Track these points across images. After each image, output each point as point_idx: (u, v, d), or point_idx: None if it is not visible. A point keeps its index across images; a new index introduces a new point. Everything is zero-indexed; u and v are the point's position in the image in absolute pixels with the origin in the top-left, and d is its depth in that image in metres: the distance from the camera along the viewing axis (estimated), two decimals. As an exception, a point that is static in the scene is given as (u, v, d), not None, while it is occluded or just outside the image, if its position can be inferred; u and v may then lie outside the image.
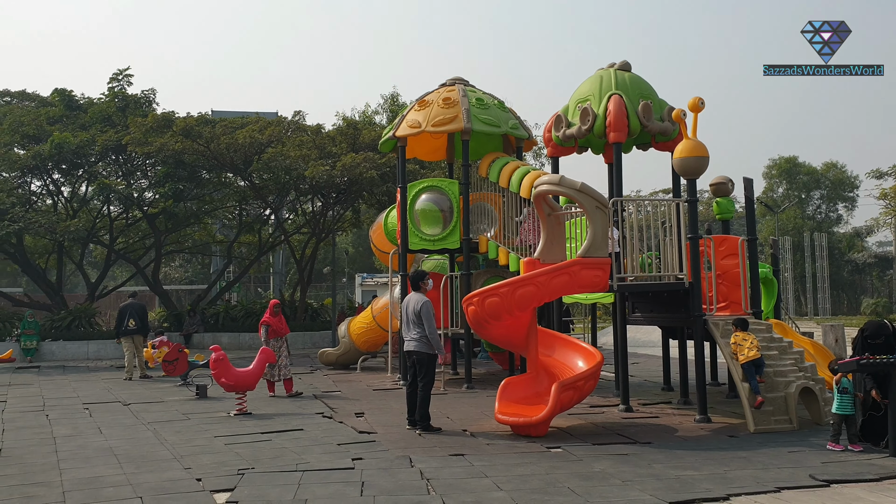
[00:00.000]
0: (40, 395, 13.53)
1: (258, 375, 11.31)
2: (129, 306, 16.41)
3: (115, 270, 41.66)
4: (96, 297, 26.33)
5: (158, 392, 13.75)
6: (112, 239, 26.07)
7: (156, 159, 23.45)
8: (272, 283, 44.26)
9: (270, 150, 22.07)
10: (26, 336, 20.84)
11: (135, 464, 7.77)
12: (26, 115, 24.56)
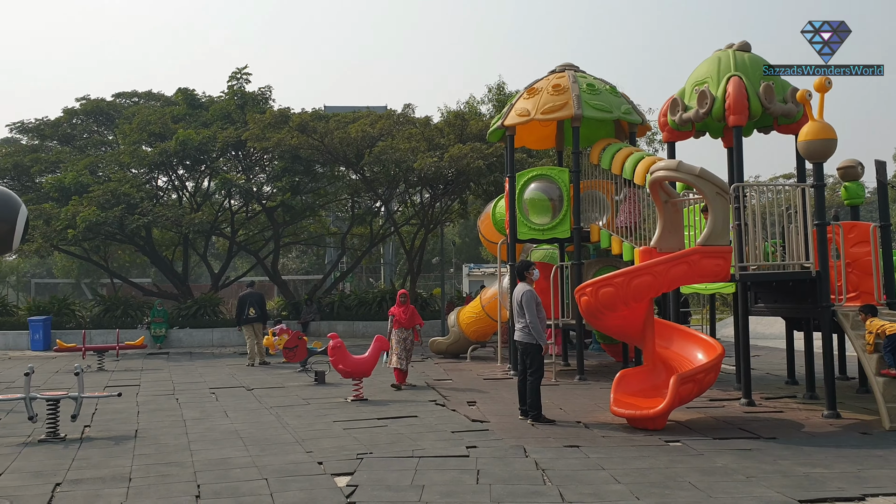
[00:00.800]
0: (170, 380, 14.32)
1: (373, 363, 11.55)
2: (248, 296, 17.11)
3: (236, 261, 43.55)
4: (219, 287, 27.64)
5: (279, 378, 14.30)
6: (233, 231, 27.23)
7: (273, 154, 24.32)
8: (383, 273, 45.13)
9: (381, 143, 22.46)
10: (156, 324, 22.14)
11: (259, 446, 8.09)
12: (153, 114, 25.96)
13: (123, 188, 22.42)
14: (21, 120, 29.34)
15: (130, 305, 23.96)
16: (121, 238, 24.81)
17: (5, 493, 6.36)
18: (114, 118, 28.34)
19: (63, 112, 28.81)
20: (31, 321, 21.82)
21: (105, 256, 29.30)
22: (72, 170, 24.11)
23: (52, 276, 47.61)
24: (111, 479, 6.76)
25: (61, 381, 14.14)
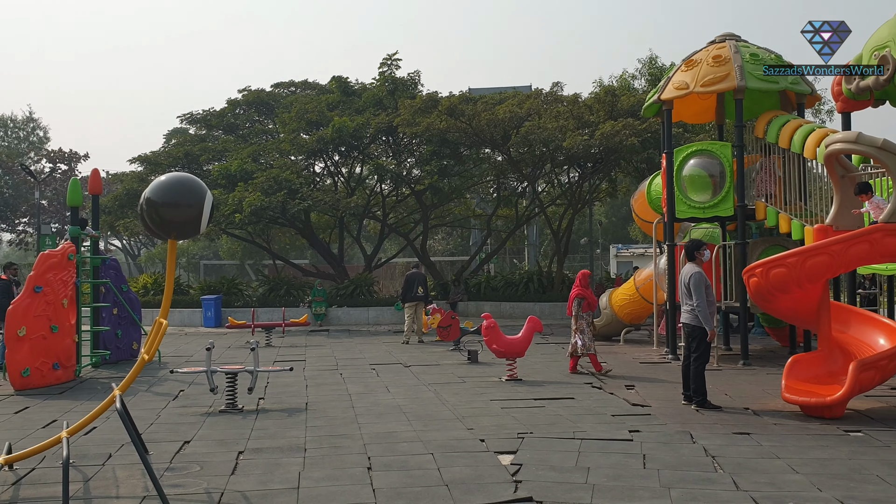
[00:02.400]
0: (332, 356, 14.98)
1: (527, 343, 11.55)
2: (415, 275, 17.56)
3: (386, 243, 44.95)
4: (372, 268, 28.60)
5: (433, 356, 14.62)
6: (385, 214, 28.04)
7: (421, 139, 24.78)
8: (527, 254, 45.05)
9: (528, 123, 22.32)
10: (316, 303, 23.24)
11: (422, 422, 8.31)
12: (309, 102, 27.09)
13: (284, 174, 23.58)
14: (190, 111, 31.47)
15: (293, 285, 25.29)
16: (282, 222, 26.14)
17: (195, 458, 6.88)
18: (273, 107, 29.83)
19: (227, 103, 30.65)
20: (204, 300, 23.49)
21: (267, 239, 31.04)
22: (237, 158, 25.62)
23: (218, 258, 50.97)
24: (288, 449, 7.16)
25: (233, 355, 15.12)
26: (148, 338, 6.27)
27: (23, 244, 51.31)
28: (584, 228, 42.94)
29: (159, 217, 5.79)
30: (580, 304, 11.98)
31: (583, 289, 12.09)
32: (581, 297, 11.98)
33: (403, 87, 26.80)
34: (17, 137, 60.69)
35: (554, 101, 23.76)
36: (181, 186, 5.85)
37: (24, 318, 11.03)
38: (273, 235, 32.29)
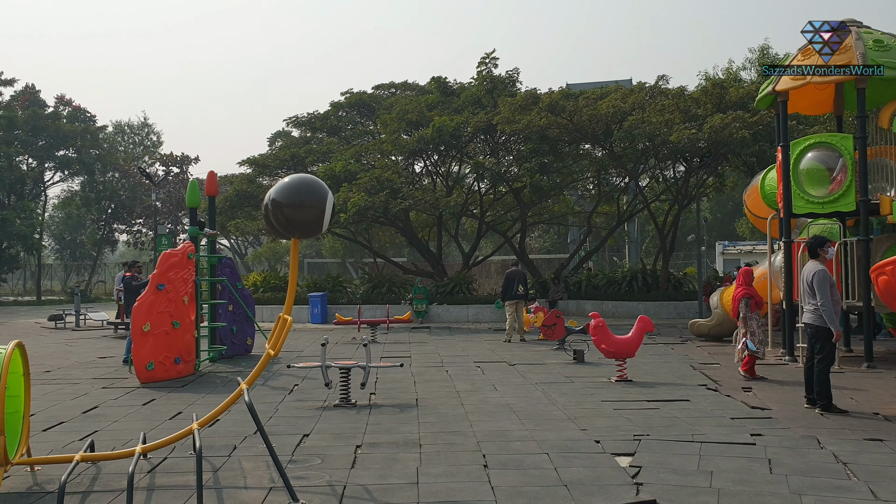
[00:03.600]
0: (437, 353, 15.11)
1: (637, 343, 11.33)
2: (515, 273, 17.53)
3: (483, 241, 45.08)
4: (470, 266, 28.71)
5: (537, 354, 14.54)
6: (482, 212, 28.09)
7: (520, 136, 24.68)
8: (628, 252, 44.20)
9: (631, 117, 21.90)
10: (417, 300, 23.52)
11: (533, 421, 8.27)
12: (409, 103, 27.44)
13: (386, 174, 23.98)
14: (295, 115, 32.41)
15: (394, 283, 25.69)
16: (383, 221, 26.58)
17: (315, 451, 7.08)
18: (374, 109, 30.37)
19: (330, 106, 31.42)
20: (311, 297, 24.15)
21: (369, 238, 31.64)
22: (340, 159, 26.22)
23: (321, 257, 52.29)
24: (403, 444, 7.26)
25: (341, 351, 15.46)
26: (272, 333, 6.48)
27: (138, 244, 54.09)
28: (687, 225, 41.78)
29: (284, 217, 5.98)
30: (747, 304, 11.34)
31: (747, 287, 11.43)
32: (748, 295, 11.33)
33: (502, 86, 26.77)
34: (133, 142, 64.06)
35: (659, 95, 23.20)
36: (304, 187, 6.02)
37: (149, 315, 11.63)
38: (374, 234, 32.89)
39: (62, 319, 24.25)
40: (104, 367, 13.67)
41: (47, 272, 58.12)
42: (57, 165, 50.84)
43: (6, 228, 41.73)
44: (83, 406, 9.57)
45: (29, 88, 51.45)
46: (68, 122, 50.79)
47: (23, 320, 28.26)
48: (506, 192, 27.80)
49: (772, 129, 18.62)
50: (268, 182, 29.89)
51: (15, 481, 6.11)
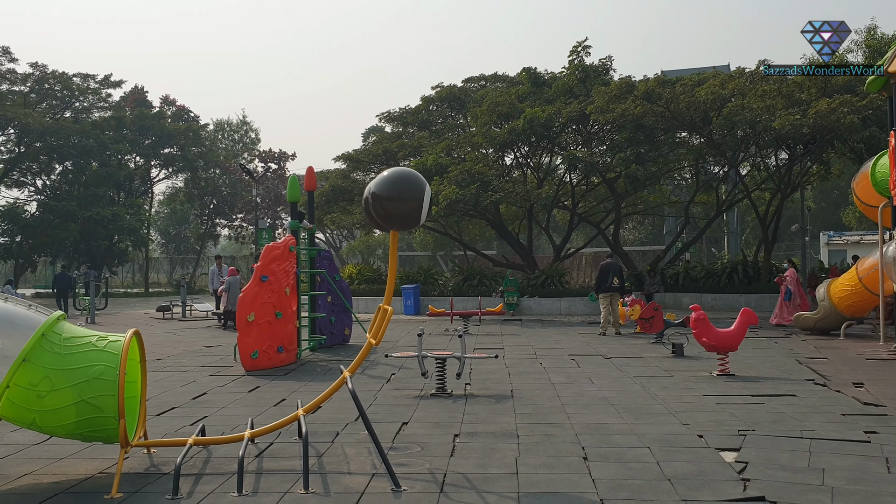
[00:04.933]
0: (529, 345, 15.07)
1: (740, 337, 10.97)
2: (610, 265, 17.28)
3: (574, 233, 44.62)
4: (562, 258, 28.45)
5: (634, 348, 14.29)
6: (574, 203, 27.78)
7: (613, 126, 24.26)
8: (727, 243, 42.83)
9: (731, 104, 21.19)
10: (508, 293, 23.50)
11: (633, 415, 8.14)
12: (500, 95, 27.37)
13: (477, 167, 24.02)
14: (387, 110, 32.86)
15: (485, 275, 25.74)
16: (474, 213, 26.65)
17: (415, 439, 7.18)
18: (465, 102, 30.45)
19: (421, 100, 31.69)
20: (404, 289, 24.49)
21: (458, 230, 31.79)
22: (431, 153, 26.44)
23: (411, 249, 52.94)
24: (501, 435, 7.28)
25: (435, 342, 15.62)
26: (373, 323, 6.62)
27: (239, 238, 56.12)
28: (788, 215, 40.14)
29: (384, 210, 6.10)
30: None
31: None
32: None
33: (594, 74, 26.37)
34: (233, 139, 66.41)
35: (760, 80, 22.34)
36: (403, 181, 6.12)
37: (253, 305, 12.05)
38: (464, 227, 33.04)
39: (169, 310, 25.43)
40: (211, 355, 14.27)
41: (154, 265, 61.09)
42: (162, 163, 53.31)
43: (117, 223, 44.06)
44: (192, 392, 10.02)
45: (137, 89, 54.11)
46: (173, 121, 53.15)
47: (133, 311, 29.80)
48: (599, 182, 27.40)
49: (883, 112, 17.65)
50: (362, 177, 30.46)
51: (134, 462, 6.46)
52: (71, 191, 46.43)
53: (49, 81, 46.72)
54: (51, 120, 45.89)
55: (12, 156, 46.34)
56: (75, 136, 44.94)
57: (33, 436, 7.16)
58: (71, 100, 48.42)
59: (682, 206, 28.97)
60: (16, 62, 46.27)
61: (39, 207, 45.45)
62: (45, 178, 49.11)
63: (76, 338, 5.96)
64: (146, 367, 6.56)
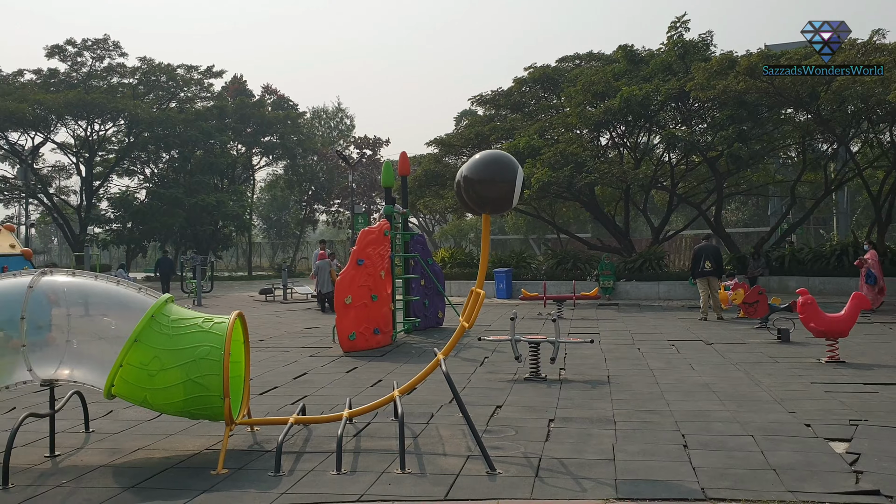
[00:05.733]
0: (626, 330, 14.78)
1: (851, 322, 10.41)
2: (703, 248, 16.76)
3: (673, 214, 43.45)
4: (660, 241, 27.73)
5: (737, 333, 13.81)
6: (673, 184, 26.99)
7: (714, 103, 23.38)
8: (836, 223, 40.74)
9: (840, 77, 20.04)
10: (604, 276, 23.11)
11: (735, 402, 7.86)
12: (595, 74, 26.79)
13: (571, 148, 23.65)
14: (480, 93, 32.72)
15: (579, 259, 25.39)
16: (567, 196, 26.28)
17: (509, 423, 7.17)
18: (558, 82, 30.00)
19: (513, 82, 31.41)
20: (496, 272, 24.45)
21: (552, 213, 31.45)
22: (524, 135, 26.18)
23: (503, 233, 52.79)
24: (597, 421, 7.17)
25: (528, 326, 15.54)
26: (465, 306, 6.62)
27: (336, 223, 57.40)
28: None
29: (476, 193, 6.07)
30: None
31: None
32: None
33: (694, 50, 25.44)
34: (329, 127, 67.82)
35: (873, 51, 21.02)
36: (496, 163, 6.08)
37: (350, 288, 12.29)
38: (557, 209, 32.65)
39: (271, 293, 26.28)
40: (310, 336, 14.66)
41: (256, 249, 63.24)
42: (263, 151, 55.00)
43: (221, 210, 45.80)
44: (293, 372, 10.32)
45: (237, 79, 55.93)
46: (272, 110, 54.71)
47: (237, 294, 30.95)
48: (699, 162, 26.50)
49: None
50: (454, 161, 30.52)
51: (238, 440, 6.70)
52: (177, 178, 48.52)
53: (156, 73, 48.86)
54: (158, 110, 48.02)
55: (123, 146, 48.80)
56: (180, 126, 46.89)
57: (145, 413, 7.54)
58: (176, 90, 50.50)
59: (788, 186, 27.66)
60: (125, 56, 48.67)
61: (148, 195, 47.75)
62: (153, 166, 51.53)
63: (183, 319, 6.21)
64: (249, 347, 6.78)
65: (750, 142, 23.29)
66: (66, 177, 53.15)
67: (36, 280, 6.14)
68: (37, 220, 57.23)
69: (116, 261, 50.43)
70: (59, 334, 6.19)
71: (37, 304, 6.09)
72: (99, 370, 6.07)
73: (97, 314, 6.43)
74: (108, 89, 46.88)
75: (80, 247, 42.76)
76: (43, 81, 47.08)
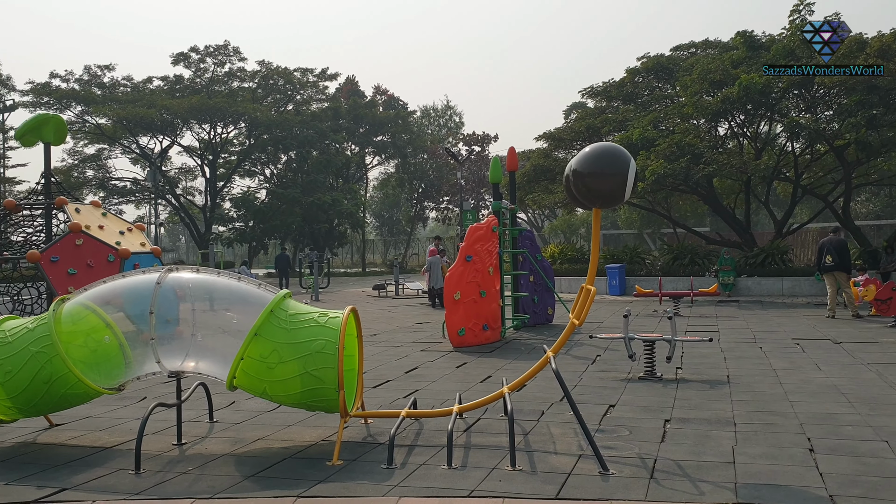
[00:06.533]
0: (747, 328, 14.17)
1: None
2: (826, 242, 15.89)
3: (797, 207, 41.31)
4: (784, 234, 26.44)
5: (868, 332, 12.99)
6: (797, 175, 25.66)
7: (841, 88, 22.05)
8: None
9: None
10: (724, 272, 22.25)
11: (867, 405, 7.39)
12: (712, 62, 25.80)
13: (687, 139, 22.89)
14: (590, 85, 32.19)
15: (697, 254, 24.56)
16: (684, 188, 25.46)
17: (622, 423, 7.00)
18: (673, 72, 29.10)
19: (626, 72, 30.71)
20: (608, 268, 24.00)
21: (667, 207, 30.55)
22: (637, 126, 25.54)
23: (616, 227, 51.76)
24: (716, 422, 6.90)
25: (642, 323, 15.15)
26: (576, 303, 6.50)
27: (445, 220, 57.95)
28: None
29: (585, 187, 5.95)
30: None
31: None
32: None
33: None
34: (438, 125, 68.49)
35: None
36: (606, 156, 5.93)
37: (459, 284, 12.36)
38: (673, 203, 31.69)
39: (384, 288, 26.81)
40: (421, 331, 14.85)
41: (370, 246, 64.69)
42: (375, 150, 56.21)
43: (336, 208, 47.13)
44: (405, 367, 10.48)
45: (350, 80, 57.37)
46: (383, 109, 55.82)
47: (351, 289, 31.76)
48: (825, 151, 25.07)
49: None
50: (563, 155, 30.15)
51: (352, 432, 6.86)
52: (295, 178, 50.27)
53: (273, 77, 50.79)
54: (275, 113, 49.89)
55: (244, 148, 51.00)
56: (297, 128, 48.55)
57: (265, 404, 7.84)
58: (293, 93, 52.31)
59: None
60: (245, 61, 50.81)
61: (268, 194, 49.70)
62: (272, 167, 53.61)
63: (300, 314, 6.40)
64: (362, 342, 6.92)
65: (881, 128, 21.82)
66: (192, 178, 56.18)
67: (163, 276, 6.48)
68: (165, 220, 60.77)
69: (239, 258, 52.78)
70: (185, 328, 6.52)
71: (165, 300, 6.43)
72: (222, 363, 6.34)
73: (220, 309, 6.74)
74: (229, 93, 49.11)
75: (206, 245, 45.04)
76: (169, 87, 49.83)
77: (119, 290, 6.66)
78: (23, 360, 6.27)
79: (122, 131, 47.54)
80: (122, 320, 6.62)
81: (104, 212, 16.11)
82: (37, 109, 43.62)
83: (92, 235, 14.31)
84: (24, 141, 15.81)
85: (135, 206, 52.81)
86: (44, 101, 44.94)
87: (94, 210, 15.69)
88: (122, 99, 46.66)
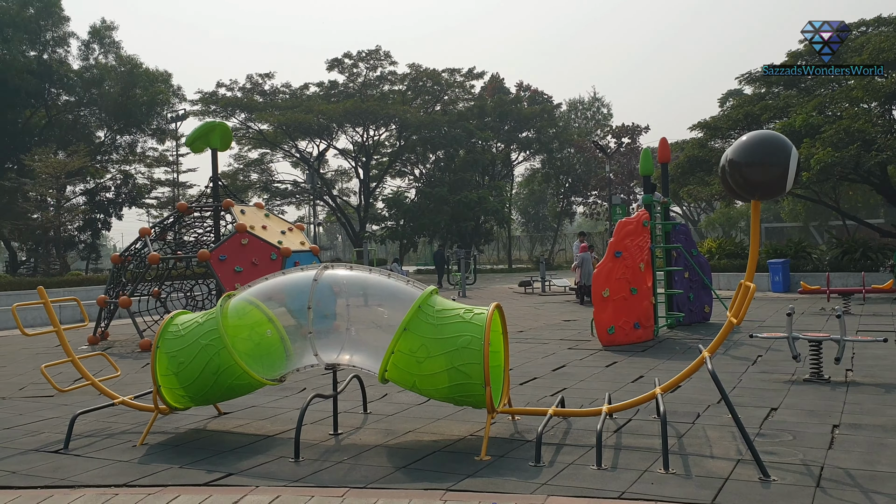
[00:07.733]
0: (929, 328, 12.97)
1: None
2: None
3: None
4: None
5: None
6: None
7: None
8: None
9: None
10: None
11: None
12: (885, 40, 23.82)
13: (857, 125, 21.28)
14: (748, 71, 30.56)
15: (870, 248, 22.76)
16: (854, 177, 23.68)
17: (784, 426, 6.59)
18: (840, 52, 27.04)
19: (787, 56, 28.93)
20: (771, 264, 22.71)
21: (835, 198, 28.52)
22: (800, 112, 24.02)
23: (779, 220, 48.91)
24: (892, 429, 6.36)
25: (808, 322, 14.22)
26: (734, 301, 6.19)
27: (593, 215, 56.99)
28: None
29: (742, 178, 5.65)
30: None
31: None
32: None
33: None
34: (585, 118, 67.46)
35: None
36: (765, 145, 5.60)
37: (608, 281, 12.10)
38: (841, 193, 29.54)
39: (530, 285, 26.74)
40: (569, 329, 14.68)
41: (516, 243, 64.81)
42: (520, 146, 56.18)
43: (482, 205, 47.54)
44: (552, 364, 10.39)
45: (495, 78, 57.65)
46: (528, 105, 55.66)
47: (497, 286, 31.92)
48: None
49: None
50: (720, 145, 28.84)
51: (500, 427, 6.88)
52: (443, 177, 51.18)
53: (422, 79, 51.90)
54: (424, 114, 50.98)
55: (395, 149, 52.49)
56: (445, 127, 49.37)
57: (415, 397, 8.02)
58: (440, 94, 53.24)
59: None
60: (395, 65, 52.26)
61: (417, 194, 50.90)
62: (422, 167, 54.84)
63: (446, 310, 6.50)
64: (507, 338, 6.93)
65: None
66: (347, 180, 58.48)
67: (319, 273, 6.78)
68: (323, 220, 63.64)
69: (391, 255, 54.43)
70: (341, 322, 6.79)
71: (323, 296, 6.72)
72: (374, 356, 6.55)
73: (373, 304, 6.97)
74: (380, 97, 50.71)
75: (360, 243, 46.78)
76: (325, 93, 52.11)
77: (280, 286, 7.04)
78: (194, 352, 6.75)
79: (282, 136, 50.27)
80: (283, 315, 7.00)
81: (267, 213, 17.09)
82: (205, 117, 46.98)
83: (256, 235, 15.22)
84: (193, 147, 17.05)
85: (295, 206, 55.83)
86: (211, 109, 48.30)
87: (257, 211, 16.67)
88: (282, 105, 49.33)
